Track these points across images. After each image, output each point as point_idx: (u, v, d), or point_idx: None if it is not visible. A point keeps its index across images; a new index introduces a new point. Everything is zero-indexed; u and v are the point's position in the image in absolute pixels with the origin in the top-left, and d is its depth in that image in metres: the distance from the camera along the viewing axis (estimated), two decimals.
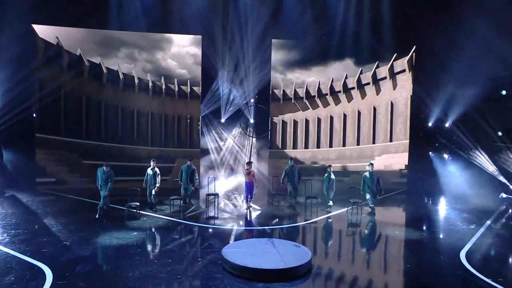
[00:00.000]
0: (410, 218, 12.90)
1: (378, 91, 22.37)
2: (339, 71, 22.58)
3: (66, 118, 19.52)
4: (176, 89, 20.89)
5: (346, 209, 13.72)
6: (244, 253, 6.69)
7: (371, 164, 13.18)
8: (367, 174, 13.09)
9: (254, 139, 19.89)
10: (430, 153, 22.00)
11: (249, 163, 14.09)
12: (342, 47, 21.27)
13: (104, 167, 12.16)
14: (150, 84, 20.42)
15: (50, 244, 7.84)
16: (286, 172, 14.48)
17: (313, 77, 22.19)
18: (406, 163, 22.17)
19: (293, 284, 5.74)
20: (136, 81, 20.12)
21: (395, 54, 22.20)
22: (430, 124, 21.88)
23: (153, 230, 10.03)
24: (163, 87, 20.70)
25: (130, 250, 7.67)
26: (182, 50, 20.53)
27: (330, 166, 14.00)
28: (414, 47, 21.71)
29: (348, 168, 22.08)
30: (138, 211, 11.45)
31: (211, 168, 20.15)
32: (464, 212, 13.10)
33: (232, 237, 9.04)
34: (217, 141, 20.32)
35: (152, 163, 13.53)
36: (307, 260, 6.38)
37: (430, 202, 16.60)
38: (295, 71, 22.26)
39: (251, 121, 19.72)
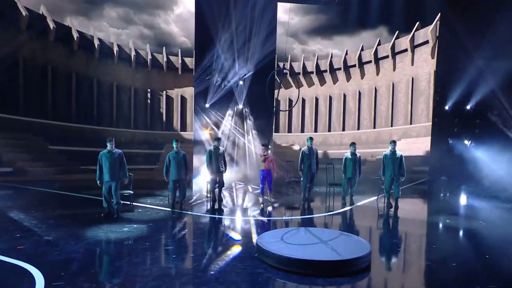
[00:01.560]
0: (452, 207, 11.48)
1: (397, 65, 20.40)
2: (356, 42, 19.60)
3: (26, 93, 15.89)
4: (165, 59, 17.34)
5: (373, 198, 11.87)
6: (287, 244, 6.22)
7: (394, 142, 10.82)
8: (387, 153, 10.89)
9: (250, 121, 16.89)
10: (449, 140, 18.96)
11: (266, 145, 10.80)
12: (360, 11, 18.06)
13: (108, 145, 8.87)
14: (133, 53, 16.89)
15: (27, 240, 6.65)
16: (303, 156, 11.37)
17: (326, 48, 18.93)
18: (429, 148, 19.78)
19: (360, 278, 5.24)
20: (115, 49, 16.46)
21: (417, 23, 20.12)
22: (450, 106, 19.20)
23: (154, 222, 8.52)
24: (149, 57, 17.09)
25: (137, 245, 6.37)
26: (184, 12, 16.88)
27: (353, 143, 11.31)
28: (439, 14, 19.01)
29: (364, 155, 19.05)
30: (131, 203, 9.84)
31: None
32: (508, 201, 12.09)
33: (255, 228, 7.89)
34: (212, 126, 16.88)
35: (175, 146, 9.66)
36: (367, 251, 5.78)
37: (463, 190, 15.19)
38: (308, 40, 19.04)
39: (240, 106, 17.04)
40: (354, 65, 20.80)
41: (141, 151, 16.65)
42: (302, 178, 11.28)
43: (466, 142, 19.36)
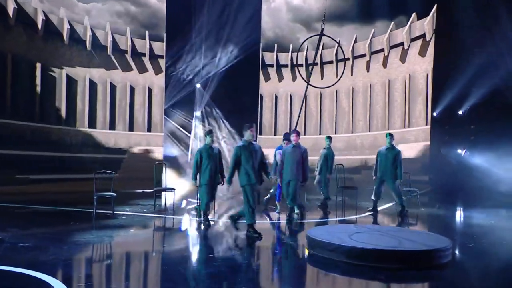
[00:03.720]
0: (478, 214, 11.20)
1: (393, 60, 19.25)
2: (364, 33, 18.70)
3: None
4: (129, 43, 14.47)
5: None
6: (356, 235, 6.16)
7: (390, 135, 10.26)
8: (383, 149, 10.31)
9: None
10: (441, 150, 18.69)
11: (288, 139, 9.04)
12: None
13: (208, 138, 8.43)
14: (88, 33, 13.85)
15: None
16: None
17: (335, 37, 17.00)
18: (428, 155, 18.64)
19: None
20: (66, 26, 13.28)
21: (413, 14, 18.84)
22: (440, 111, 18.47)
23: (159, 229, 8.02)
24: (109, 39, 14.11)
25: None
26: None
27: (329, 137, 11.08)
28: (435, 5, 18.08)
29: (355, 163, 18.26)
30: (113, 210, 9.11)
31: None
32: None
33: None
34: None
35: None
36: (448, 244, 5.68)
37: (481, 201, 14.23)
38: (299, 27, 17.13)
39: (197, 112, 15.70)
40: (347, 59, 18.79)
41: (98, 156, 14.46)
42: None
43: (460, 150, 18.73)
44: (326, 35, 9.27)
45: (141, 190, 13.37)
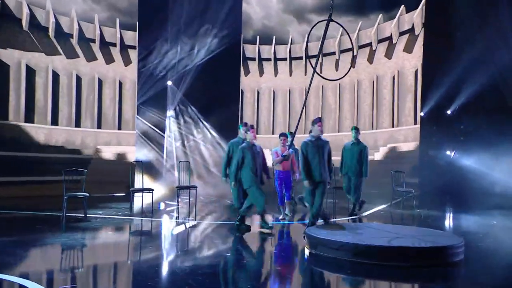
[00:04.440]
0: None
1: (381, 55, 18.55)
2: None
3: None
4: (97, 31, 13.32)
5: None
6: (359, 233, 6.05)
7: (356, 129, 9.96)
8: (347, 143, 9.95)
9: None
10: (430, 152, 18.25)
11: (285, 135, 8.96)
12: None
13: (243, 131, 7.71)
14: (52, 19, 12.62)
15: None
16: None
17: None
18: (417, 155, 17.96)
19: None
20: (25, 11, 12.16)
21: (402, 6, 18.13)
22: (427, 110, 17.99)
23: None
24: (75, 26, 12.95)
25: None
26: None
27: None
28: None
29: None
30: (85, 213, 8.53)
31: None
32: None
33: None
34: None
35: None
36: (460, 241, 5.63)
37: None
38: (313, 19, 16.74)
39: (169, 112, 15.37)
40: (333, 53, 18.01)
41: (61, 156, 13.29)
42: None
43: (448, 152, 18.24)
44: (335, 21, 8.33)
45: (116, 194, 12.77)
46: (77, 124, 14.01)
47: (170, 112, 15.27)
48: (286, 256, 6.49)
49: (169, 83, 15.14)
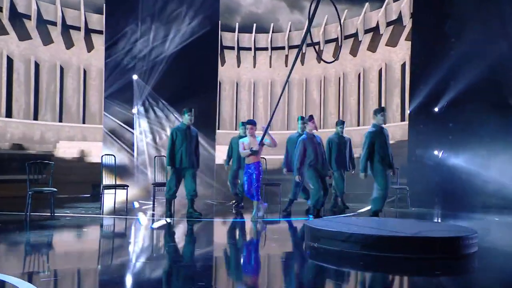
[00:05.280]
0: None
1: (367, 46, 18.08)
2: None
3: None
4: (59, 13, 12.27)
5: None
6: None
7: (342, 122, 9.94)
8: (334, 136, 9.74)
9: None
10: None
11: (252, 123, 8.22)
12: None
13: (187, 117, 7.81)
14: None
15: None
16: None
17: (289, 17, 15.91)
18: (406, 154, 16.78)
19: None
20: None
21: None
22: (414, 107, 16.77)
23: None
24: (33, 7, 11.92)
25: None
26: None
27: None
28: None
29: None
30: (52, 211, 7.73)
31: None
32: None
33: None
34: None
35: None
36: (473, 231, 5.51)
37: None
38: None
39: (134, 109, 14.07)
40: (318, 43, 17.45)
41: (17, 153, 12.25)
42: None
43: (436, 152, 17.96)
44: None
45: (82, 195, 11.82)
46: (36, 116, 12.99)
47: (135, 109, 14.56)
48: (286, 253, 6.13)
49: (135, 77, 14.36)
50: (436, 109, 17.09)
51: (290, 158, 9.38)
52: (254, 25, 17.29)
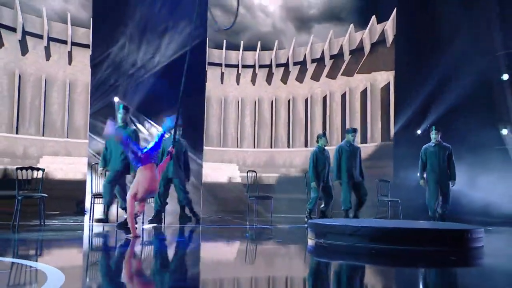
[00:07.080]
0: None
1: (352, 66, 18.42)
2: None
3: None
4: (45, 26, 12.37)
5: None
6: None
7: (354, 130, 9.73)
8: (345, 145, 9.51)
9: None
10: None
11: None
12: None
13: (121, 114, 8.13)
14: None
15: None
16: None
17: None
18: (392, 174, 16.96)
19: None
20: None
21: (373, 16, 18.01)
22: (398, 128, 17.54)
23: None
24: (19, 19, 12.08)
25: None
26: None
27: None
28: (395, 8, 17.18)
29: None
30: (42, 220, 7.75)
31: None
32: None
33: None
34: None
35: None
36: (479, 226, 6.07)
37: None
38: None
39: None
40: (303, 62, 17.89)
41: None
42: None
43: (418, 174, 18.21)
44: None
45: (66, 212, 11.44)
46: (20, 130, 12.82)
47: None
48: (292, 252, 6.20)
49: (116, 99, 14.11)
50: (418, 131, 17.44)
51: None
52: (242, 42, 17.51)
